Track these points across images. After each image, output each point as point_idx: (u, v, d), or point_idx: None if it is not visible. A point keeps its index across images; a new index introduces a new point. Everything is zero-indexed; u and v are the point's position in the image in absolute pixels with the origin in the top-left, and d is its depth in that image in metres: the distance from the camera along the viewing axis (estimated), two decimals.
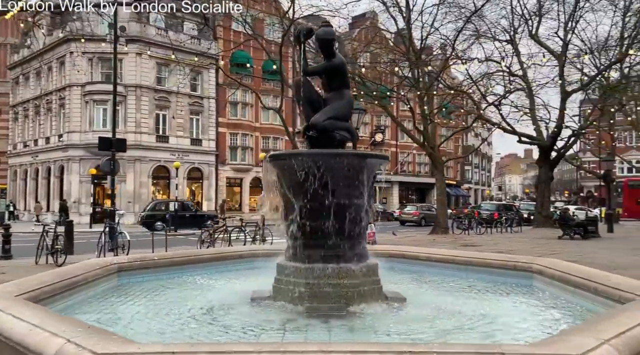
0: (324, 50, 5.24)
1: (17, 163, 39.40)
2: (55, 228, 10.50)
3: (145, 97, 33.74)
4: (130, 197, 33.10)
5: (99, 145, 15.29)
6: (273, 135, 40.64)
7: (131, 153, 33.09)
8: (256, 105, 39.76)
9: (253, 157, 39.53)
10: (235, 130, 38.45)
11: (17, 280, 4.69)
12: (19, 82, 39.68)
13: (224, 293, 5.77)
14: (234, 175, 38.83)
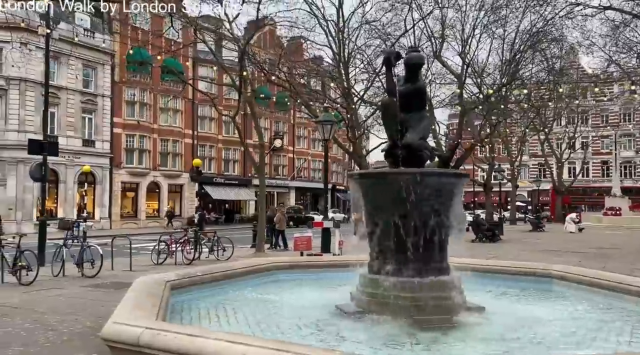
0: (411, 73, 5.80)
1: None
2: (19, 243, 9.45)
3: (31, 92, 30.21)
4: (12, 203, 29.34)
5: (28, 148, 13.76)
6: (172, 138, 39.05)
7: (13, 154, 29.45)
8: (154, 106, 37.94)
9: (151, 160, 37.55)
10: (132, 132, 36.19)
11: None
12: None
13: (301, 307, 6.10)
14: (130, 180, 36.49)
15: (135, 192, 37.16)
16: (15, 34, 29.66)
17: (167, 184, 38.92)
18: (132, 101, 36.24)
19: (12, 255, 9.64)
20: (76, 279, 9.99)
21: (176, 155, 39.48)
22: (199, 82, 40.34)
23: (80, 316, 6.47)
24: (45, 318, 6.36)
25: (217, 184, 42.23)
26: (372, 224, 5.66)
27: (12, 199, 29.44)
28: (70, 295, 8.23)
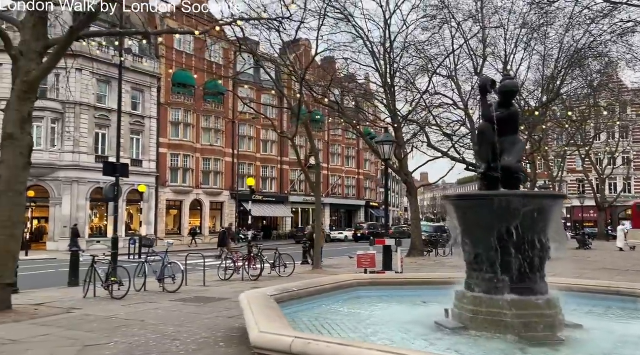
0: (505, 99, 6.23)
1: None
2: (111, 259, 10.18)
3: (85, 115, 31.81)
4: (67, 221, 30.71)
5: (103, 170, 14.71)
6: (214, 157, 40.23)
7: (68, 174, 30.96)
8: (197, 126, 39.26)
9: (193, 178, 38.74)
10: (177, 151, 37.50)
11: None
12: None
13: (399, 321, 6.50)
14: (174, 198, 37.68)
15: (179, 210, 38.30)
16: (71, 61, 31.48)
17: (208, 202, 39.98)
18: (176, 122, 37.61)
19: (104, 271, 10.35)
20: (160, 294, 10.61)
21: (217, 174, 40.59)
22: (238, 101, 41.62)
23: (192, 327, 7.00)
24: (161, 329, 6.92)
25: (256, 201, 43.00)
26: (472, 244, 6.03)
27: (67, 217, 30.82)
28: (166, 308, 8.82)
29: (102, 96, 33.13)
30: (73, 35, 8.96)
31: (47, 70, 9.17)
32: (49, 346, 6.07)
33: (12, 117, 8.81)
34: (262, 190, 44.81)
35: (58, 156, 30.99)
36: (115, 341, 6.24)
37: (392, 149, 13.30)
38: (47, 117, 30.54)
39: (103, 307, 8.96)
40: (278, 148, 46.46)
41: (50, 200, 30.79)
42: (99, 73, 32.37)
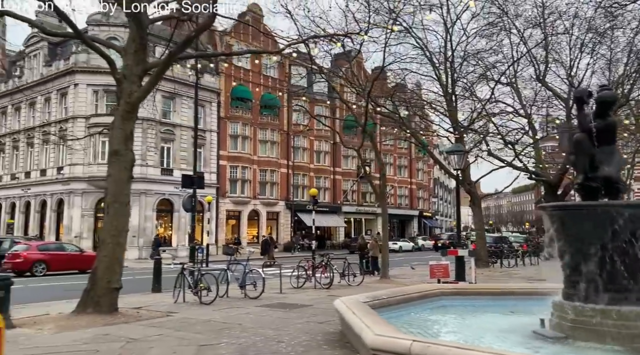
0: (603, 109, 6.28)
1: (1, 196, 37.49)
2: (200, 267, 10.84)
3: (152, 130, 33.57)
4: (135, 231, 32.37)
5: (182, 182, 15.62)
6: (270, 168, 41.27)
7: (136, 186, 32.68)
8: (254, 138, 40.47)
9: (251, 189, 39.87)
10: (235, 163, 38.78)
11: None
12: (7, 112, 38.19)
13: (495, 330, 6.63)
14: (233, 208, 38.90)
15: (237, 220, 39.49)
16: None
17: (265, 212, 40.98)
18: (235, 135, 38.95)
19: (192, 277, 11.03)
20: (243, 300, 11.16)
21: (273, 184, 41.58)
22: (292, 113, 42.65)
23: (290, 331, 7.41)
24: (261, 332, 7.37)
25: (310, 211, 43.65)
26: (574, 254, 6.09)
27: (135, 227, 32.48)
28: (255, 313, 9.32)
29: (166, 111, 34.87)
30: (171, 59, 9.74)
31: (147, 91, 10.00)
32: (167, 345, 6.63)
33: (117, 135, 9.67)
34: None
35: None
36: (225, 342, 6.74)
37: (463, 159, 13.34)
38: None
39: (197, 311, 9.57)
40: (330, 158, 47.01)
41: None
42: (164, 90, 34.18)
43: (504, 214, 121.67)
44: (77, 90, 32.45)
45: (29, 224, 34.99)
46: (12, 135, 37.40)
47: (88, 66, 32.37)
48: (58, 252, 21.25)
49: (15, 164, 37.19)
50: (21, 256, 19.68)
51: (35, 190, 34.67)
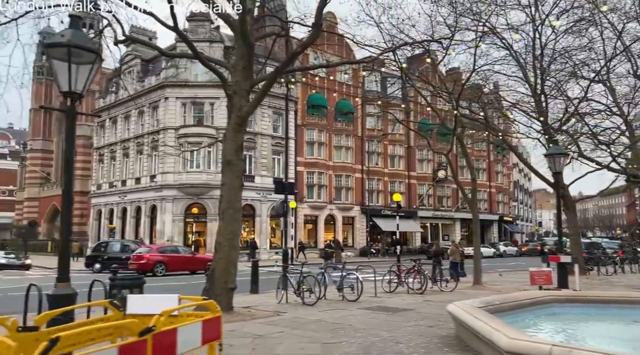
0: None
1: (101, 203, 40.93)
2: (302, 269, 11.36)
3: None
4: None
5: (275, 189, 16.38)
6: (345, 173, 41.74)
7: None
8: (329, 144, 41.16)
9: (327, 194, 40.53)
10: (312, 169, 39.63)
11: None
12: (105, 125, 41.71)
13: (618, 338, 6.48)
14: (311, 213, 39.74)
15: (314, 224, 40.30)
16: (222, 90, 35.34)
17: (341, 217, 41.48)
18: (311, 141, 39.83)
19: (295, 279, 11.58)
20: (342, 302, 11.53)
21: (348, 189, 42.00)
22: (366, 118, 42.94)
23: (402, 333, 7.64)
24: (374, 333, 7.66)
25: (385, 216, 43.64)
26: None
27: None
28: (360, 315, 9.63)
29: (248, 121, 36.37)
30: (277, 74, 10.38)
31: (254, 106, 10.71)
32: (292, 342, 7.10)
33: (230, 147, 10.43)
34: (391, 205, 45.15)
35: (213, 177, 34.58)
36: (345, 341, 7.10)
37: (564, 162, 12.88)
38: (205, 142, 34.31)
39: (303, 312, 10.06)
40: (405, 162, 46.65)
41: (208, 216, 34.43)
42: None
43: (590, 218, 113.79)
44: (167, 103, 34.80)
45: (125, 229, 37.90)
46: (110, 146, 40.77)
47: (177, 80, 34.64)
48: (174, 254, 23.16)
49: (113, 173, 40.48)
50: (144, 258, 21.65)
51: (130, 197, 37.53)
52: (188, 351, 2.93)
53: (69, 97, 5.35)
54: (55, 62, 5.28)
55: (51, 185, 53.30)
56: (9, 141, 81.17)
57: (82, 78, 5.36)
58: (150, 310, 3.40)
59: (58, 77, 5.31)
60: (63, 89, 5.30)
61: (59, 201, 37.54)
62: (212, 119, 35.02)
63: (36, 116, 55.84)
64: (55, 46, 5.17)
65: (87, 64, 5.38)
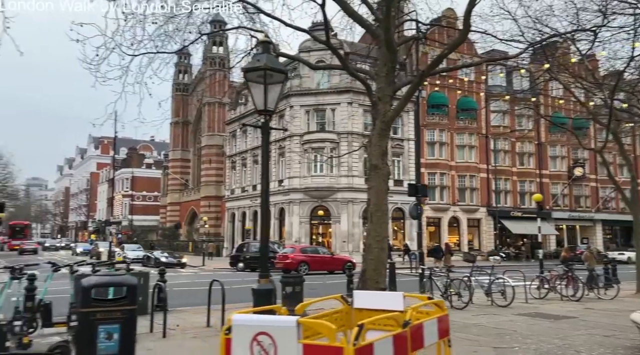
0: None
1: (234, 206, 44.37)
2: (448, 272, 11.30)
3: (356, 143, 35.85)
4: (345, 237, 34.95)
5: (408, 191, 16.44)
6: (469, 173, 40.24)
7: (344, 195, 35.35)
8: (452, 144, 40.02)
9: (450, 196, 39.42)
10: (433, 170, 38.86)
11: None
12: (236, 135, 45.19)
13: None
14: (433, 215, 38.96)
15: (437, 227, 39.44)
16: (343, 96, 36.30)
17: (465, 219, 40.06)
18: (432, 142, 39.10)
19: (442, 283, 11.53)
20: (493, 307, 11.21)
21: (473, 190, 40.42)
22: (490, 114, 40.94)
23: (577, 342, 7.25)
24: (545, 340, 7.37)
25: (514, 218, 41.21)
26: None
27: (345, 233, 35.09)
28: (519, 321, 9.31)
29: (368, 124, 36.84)
30: (423, 77, 10.48)
31: (398, 111, 10.91)
32: (460, 345, 7.12)
33: (375, 151, 10.74)
34: (521, 206, 42.58)
35: (336, 180, 35.67)
36: (517, 346, 6.95)
37: None
38: (327, 147, 35.53)
39: (456, 316, 9.95)
40: (536, 160, 43.55)
41: (332, 218, 35.53)
42: (365, 104, 36.33)
43: None
44: (292, 112, 36.63)
45: (257, 230, 40.58)
46: (241, 154, 44.05)
47: (301, 89, 36.35)
48: (314, 254, 24.63)
49: (244, 179, 43.67)
50: (289, 257, 23.36)
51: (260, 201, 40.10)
52: (429, 345, 3.18)
53: (263, 114, 6.02)
54: (252, 84, 5.98)
55: (189, 192, 58.99)
56: (151, 152, 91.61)
57: (272, 96, 5.99)
58: (374, 305, 3.74)
59: (254, 97, 6.01)
60: (259, 107, 5.98)
61: (197, 205, 41.56)
62: (333, 125, 36.10)
63: (176, 129, 62.26)
64: (253, 70, 5.86)
65: (277, 84, 6.01)
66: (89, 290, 4.80)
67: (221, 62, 48.49)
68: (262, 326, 2.49)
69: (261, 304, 5.75)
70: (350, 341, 2.31)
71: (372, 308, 3.68)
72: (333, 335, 2.38)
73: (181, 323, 9.26)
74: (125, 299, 4.90)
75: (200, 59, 59.22)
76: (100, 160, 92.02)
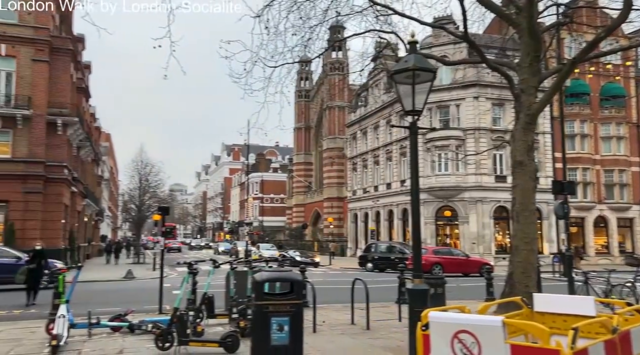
0: None
1: (356, 207, 45.00)
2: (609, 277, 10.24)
3: (483, 139, 34.12)
4: (474, 238, 33.41)
5: (552, 188, 15.23)
6: (618, 168, 35.88)
7: (472, 195, 33.82)
8: (595, 136, 36.09)
9: (595, 193, 35.54)
10: (574, 165, 35.29)
11: None
12: (356, 137, 45.82)
13: None
14: (575, 214, 35.25)
15: (580, 227, 35.82)
16: (469, 91, 34.76)
17: (614, 218, 35.81)
18: (571, 134, 35.63)
19: (601, 288, 10.46)
20: None
21: (623, 187, 35.99)
22: None
23: None
24: None
25: None
26: None
27: (474, 234, 33.52)
28: None
29: (496, 119, 34.87)
30: (574, 65, 9.64)
31: (545, 102, 10.18)
32: None
33: (520, 147, 10.13)
34: None
35: (462, 179, 34.25)
36: None
37: None
38: (452, 144, 34.30)
39: None
40: None
41: (459, 218, 34.21)
42: (492, 97, 34.41)
43: None
44: None
45: (380, 231, 40.71)
46: (362, 155, 44.53)
47: None
48: (448, 256, 24.20)
49: (365, 180, 44.06)
50: (422, 259, 23.10)
51: (383, 202, 40.16)
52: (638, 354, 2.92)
53: (411, 115, 6.03)
54: (399, 85, 6.03)
55: (312, 193, 61.20)
56: (276, 157, 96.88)
57: (420, 96, 5.97)
58: (559, 309, 3.52)
59: (402, 99, 6.05)
60: (407, 108, 6.00)
61: (320, 206, 42.92)
62: (458, 121, 34.76)
63: (299, 134, 65.07)
64: (401, 72, 5.91)
65: (424, 83, 5.97)
66: (261, 284, 5.24)
67: (340, 66, 49.56)
68: (463, 324, 2.50)
69: (417, 305, 5.74)
70: (568, 344, 2.21)
71: (556, 312, 3.48)
72: (546, 337, 2.30)
73: (324, 320, 9.63)
74: (293, 294, 5.25)
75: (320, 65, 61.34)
76: (232, 166, 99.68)
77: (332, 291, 14.25)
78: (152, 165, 43.69)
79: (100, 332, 8.20)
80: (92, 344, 7.50)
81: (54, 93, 25.29)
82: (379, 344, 7.60)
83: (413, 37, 6.19)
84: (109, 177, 65.03)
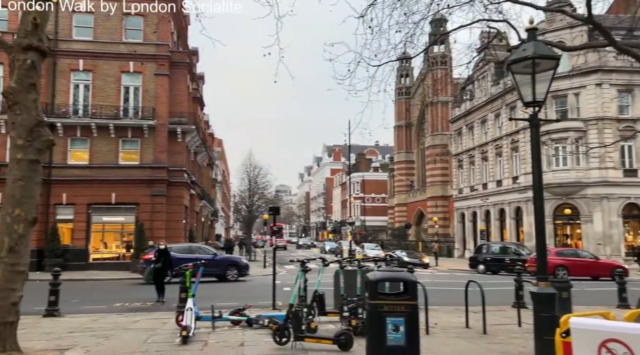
0: None
1: (463, 206, 43.18)
2: None
3: (608, 130, 30.83)
4: (600, 238, 30.32)
5: None
6: None
7: (596, 191, 30.72)
8: None
9: None
10: None
11: None
12: (462, 132, 43.98)
13: None
14: None
15: None
16: (590, 78, 31.62)
17: None
18: None
19: None
20: None
21: None
22: None
23: None
24: None
25: None
26: None
27: (599, 234, 30.41)
28: None
29: (623, 107, 31.33)
30: None
31: None
32: None
33: None
34: None
35: (584, 174, 31.25)
36: None
37: None
38: (570, 137, 31.46)
39: None
40: None
41: (581, 217, 31.27)
42: (618, 83, 30.98)
43: None
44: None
45: (490, 230, 38.64)
46: (468, 152, 42.63)
47: None
48: (574, 258, 22.57)
49: (473, 177, 42.09)
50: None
51: (493, 200, 38.05)
52: None
53: (532, 106, 5.62)
54: (518, 76, 5.66)
55: (415, 192, 59.90)
56: (377, 156, 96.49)
57: (541, 86, 5.55)
58: None
59: (521, 89, 5.67)
60: (527, 99, 5.61)
61: (424, 206, 41.89)
62: (577, 111, 31.81)
63: (399, 132, 64.10)
64: (520, 61, 5.54)
65: (545, 71, 5.54)
66: (375, 284, 5.23)
67: (443, 60, 47.94)
68: (613, 332, 2.26)
69: (542, 310, 5.35)
70: None
71: None
72: None
73: (436, 322, 9.37)
74: (407, 294, 5.17)
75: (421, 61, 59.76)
76: (333, 167, 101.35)
77: (441, 293, 13.80)
78: (259, 168, 45.98)
79: (222, 325, 8.80)
80: (215, 336, 8.07)
81: (174, 104, 27.74)
82: (498, 349, 7.22)
83: (532, 24, 5.76)
84: (222, 180, 69.71)
